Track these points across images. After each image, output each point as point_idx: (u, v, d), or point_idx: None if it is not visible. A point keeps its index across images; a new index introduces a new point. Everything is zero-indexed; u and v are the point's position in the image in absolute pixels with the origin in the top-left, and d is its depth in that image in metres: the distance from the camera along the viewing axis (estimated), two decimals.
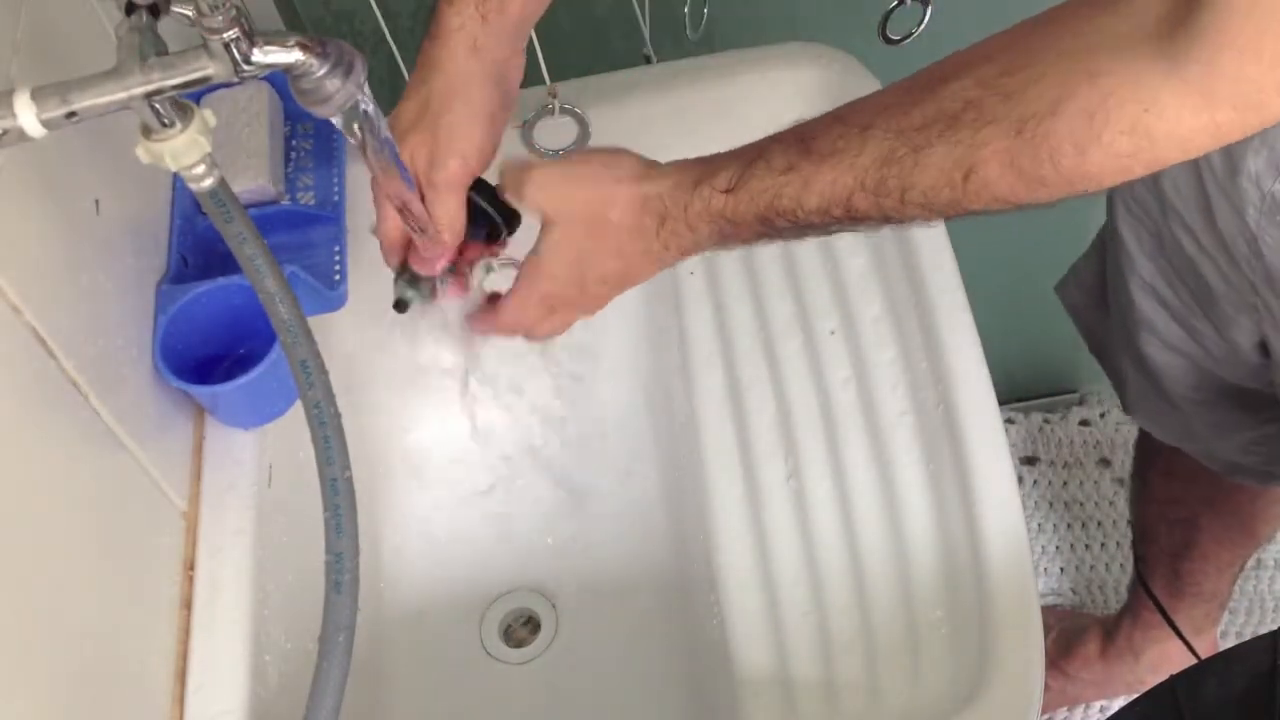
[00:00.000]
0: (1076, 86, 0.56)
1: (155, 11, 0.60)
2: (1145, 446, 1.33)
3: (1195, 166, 0.87)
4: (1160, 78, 0.54)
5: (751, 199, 0.67)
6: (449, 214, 0.74)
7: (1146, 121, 0.55)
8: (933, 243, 0.95)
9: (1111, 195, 1.03)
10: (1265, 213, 0.81)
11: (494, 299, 0.79)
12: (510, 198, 0.74)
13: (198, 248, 0.91)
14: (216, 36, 0.58)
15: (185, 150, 0.62)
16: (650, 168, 0.72)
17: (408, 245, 0.78)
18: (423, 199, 0.74)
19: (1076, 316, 1.21)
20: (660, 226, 0.70)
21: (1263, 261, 0.85)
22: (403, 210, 0.74)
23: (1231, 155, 0.81)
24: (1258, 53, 0.51)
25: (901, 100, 0.63)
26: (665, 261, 0.72)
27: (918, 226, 0.66)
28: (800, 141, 0.65)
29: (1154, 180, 0.93)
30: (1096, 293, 1.15)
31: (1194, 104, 0.54)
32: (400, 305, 0.77)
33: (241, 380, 0.81)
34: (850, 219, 0.65)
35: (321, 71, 0.60)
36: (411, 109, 0.74)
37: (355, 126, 0.65)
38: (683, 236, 0.70)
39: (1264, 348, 0.95)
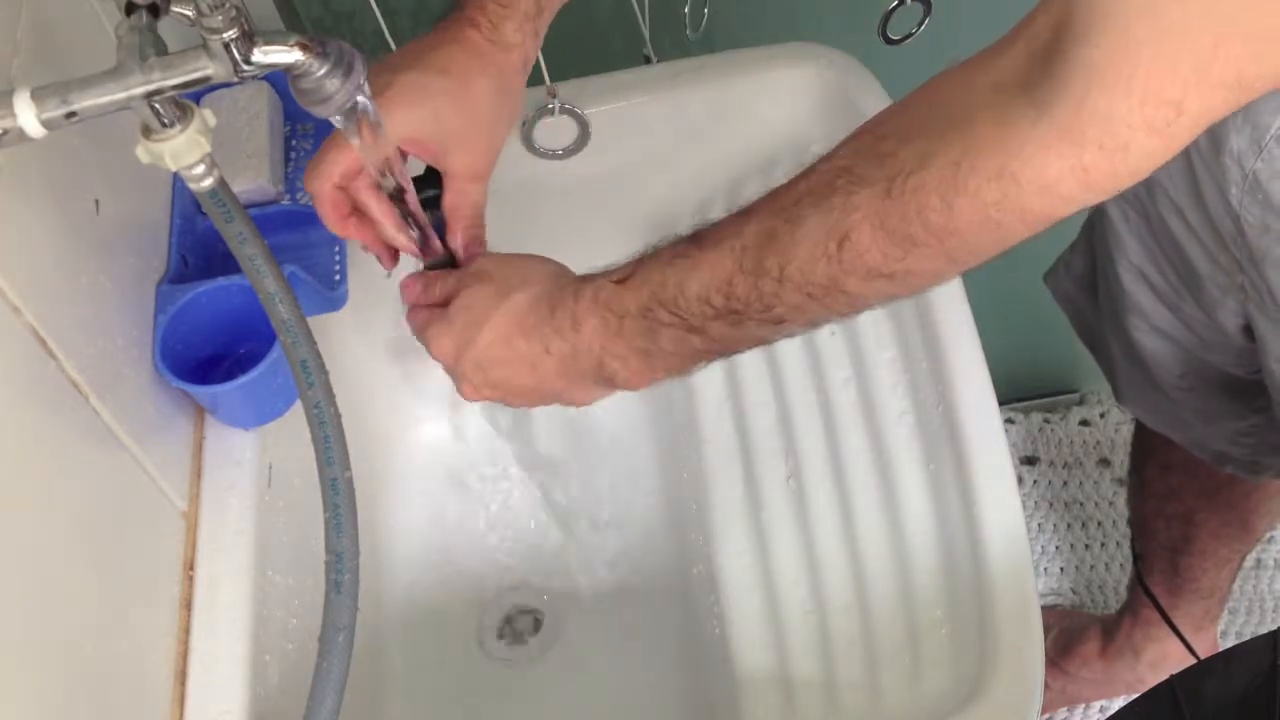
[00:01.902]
0: (945, 140, 0.56)
1: (155, 11, 0.60)
2: (1142, 441, 1.34)
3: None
4: (1027, 124, 0.54)
5: (637, 288, 0.66)
6: (474, 204, 0.75)
7: (1012, 167, 0.54)
8: None
9: None
10: (1247, 191, 0.82)
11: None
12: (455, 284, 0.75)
13: (198, 248, 0.91)
14: (216, 36, 0.58)
15: (185, 150, 0.62)
16: (566, 275, 0.72)
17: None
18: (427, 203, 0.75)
19: (1066, 304, 1.21)
20: (548, 320, 0.69)
21: (1246, 240, 0.85)
22: (403, 211, 0.74)
23: (1215, 134, 0.81)
24: (1128, 90, 0.51)
25: (787, 184, 0.63)
26: (544, 373, 0.70)
27: (800, 331, 0.65)
28: (694, 234, 0.66)
29: None
30: (1086, 280, 1.15)
31: (1061, 149, 0.53)
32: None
33: (241, 380, 0.81)
34: (730, 310, 0.63)
35: (321, 71, 0.60)
36: (417, 80, 0.73)
37: (355, 126, 0.65)
38: (565, 336, 0.69)
39: (1249, 331, 0.96)
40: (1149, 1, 0.50)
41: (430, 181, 0.77)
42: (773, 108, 1.04)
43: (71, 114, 0.58)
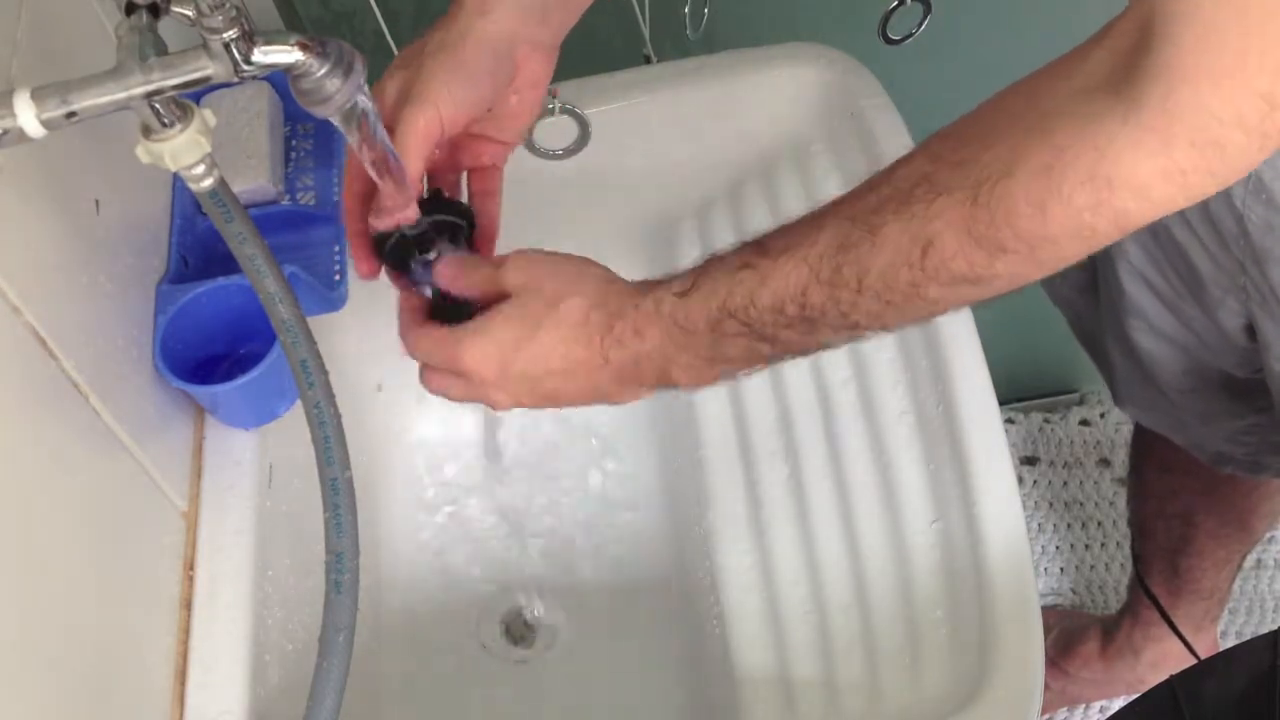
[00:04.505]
0: (1031, 145, 0.55)
1: (155, 11, 0.60)
2: (1140, 442, 1.34)
3: None
4: (1116, 124, 0.53)
5: (704, 300, 0.64)
6: (409, 155, 0.70)
7: (1104, 169, 0.53)
8: None
9: None
10: (1251, 192, 0.82)
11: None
12: (489, 280, 0.71)
13: (198, 248, 0.91)
14: (216, 36, 0.58)
15: (185, 150, 0.62)
16: (615, 278, 0.70)
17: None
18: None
19: (1064, 307, 1.21)
20: (607, 330, 0.67)
21: (1249, 240, 0.85)
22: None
23: None
24: (1214, 85, 0.50)
25: (857, 191, 0.61)
26: (600, 380, 0.68)
27: (874, 336, 0.63)
28: (757, 243, 0.64)
29: None
30: (1084, 282, 1.15)
31: (1151, 146, 0.52)
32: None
33: (241, 380, 0.81)
34: (804, 318, 0.62)
35: (321, 71, 0.60)
36: (407, 52, 0.72)
37: (355, 127, 0.65)
38: (627, 345, 0.67)
39: (1251, 331, 0.96)
40: None
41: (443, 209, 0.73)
42: (773, 108, 1.04)
43: (71, 114, 0.58)
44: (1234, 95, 0.50)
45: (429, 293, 0.74)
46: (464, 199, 0.78)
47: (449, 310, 0.73)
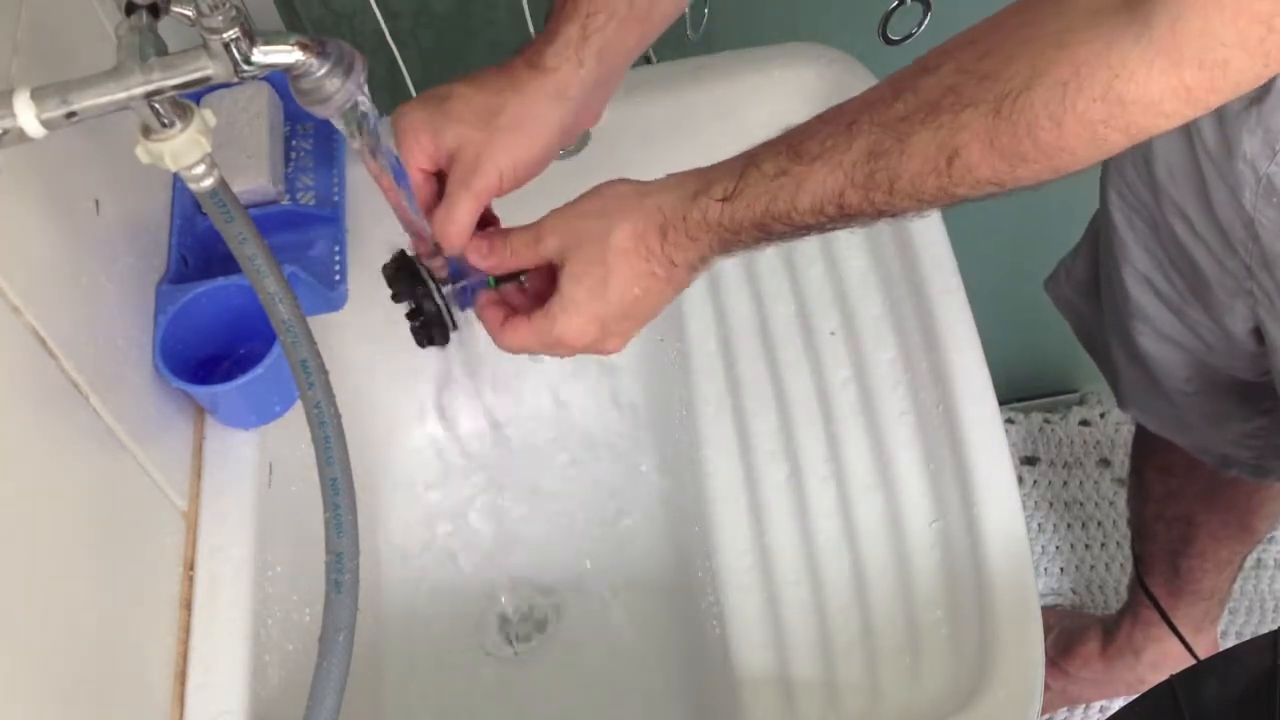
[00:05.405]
0: (1050, 60, 0.58)
1: (155, 11, 0.60)
2: (1141, 443, 1.34)
3: (1191, 150, 0.87)
4: (1130, 42, 0.55)
5: (748, 206, 0.68)
6: (462, 220, 0.74)
7: (1118, 87, 0.56)
8: (932, 242, 0.95)
9: (1105, 184, 1.03)
10: (1261, 195, 0.82)
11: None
12: (527, 246, 0.75)
13: (198, 248, 0.91)
14: (216, 36, 0.58)
15: (185, 150, 0.62)
16: (645, 187, 0.73)
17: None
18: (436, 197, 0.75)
19: (1067, 310, 1.21)
20: (663, 241, 0.71)
21: (1259, 244, 0.85)
22: (397, 212, 0.74)
23: (1227, 137, 0.81)
24: (1219, 9, 0.53)
25: (885, 95, 0.64)
26: (676, 279, 0.73)
27: (911, 219, 0.68)
28: (790, 147, 0.67)
29: (1148, 167, 0.94)
30: (1089, 285, 1.15)
31: (1161, 65, 0.55)
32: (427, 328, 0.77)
33: (241, 380, 0.81)
34: (844, 216, 0.66)
35: (321, 71, 0.60)
36: (476, 105, 0.74)
37: (355, 127, 0.65)
38: (686, 249, 0.71)
39: (1258, 335, 0.96)
40: None
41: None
42: (773, 108, 1.04)
43: (71, 114, 0.58)
44: (1236, 19, 0.53)
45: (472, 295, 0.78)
46: None
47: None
